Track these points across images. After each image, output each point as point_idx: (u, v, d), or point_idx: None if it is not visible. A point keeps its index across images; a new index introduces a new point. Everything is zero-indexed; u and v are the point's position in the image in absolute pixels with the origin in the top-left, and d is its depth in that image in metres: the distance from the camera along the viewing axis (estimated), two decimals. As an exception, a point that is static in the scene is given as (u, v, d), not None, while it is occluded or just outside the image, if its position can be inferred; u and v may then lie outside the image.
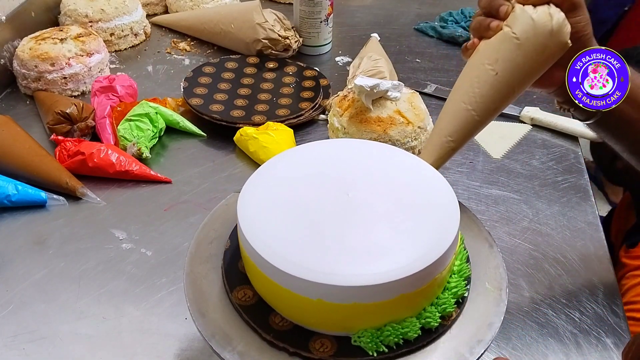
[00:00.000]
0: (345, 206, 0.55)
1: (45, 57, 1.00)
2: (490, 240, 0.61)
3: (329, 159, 0.60)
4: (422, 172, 0.60)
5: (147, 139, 0.91)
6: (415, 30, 1.29)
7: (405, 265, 0.50)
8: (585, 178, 0.90)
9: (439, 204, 0.56)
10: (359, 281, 0.49)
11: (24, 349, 0.65)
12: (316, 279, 0.49)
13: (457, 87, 0.63)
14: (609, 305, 0.71)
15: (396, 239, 0.52)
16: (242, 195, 0.56)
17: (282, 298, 0.52)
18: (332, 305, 0.50)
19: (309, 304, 0.50)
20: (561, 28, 0.60)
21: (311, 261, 0.50)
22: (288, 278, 0.50)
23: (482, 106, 0.62)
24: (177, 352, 0.65)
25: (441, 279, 0.53)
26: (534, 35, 0.60)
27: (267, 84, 1.04)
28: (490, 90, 0.61)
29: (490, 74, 0.61)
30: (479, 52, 0.63)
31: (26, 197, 0.82)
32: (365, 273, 0.49)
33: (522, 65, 0.61)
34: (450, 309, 0.54)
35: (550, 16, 0.60)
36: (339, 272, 0.49)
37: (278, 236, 0.52)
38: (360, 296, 0.49)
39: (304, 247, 0.51)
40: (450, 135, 0.62)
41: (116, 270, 0.74)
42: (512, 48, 0.61)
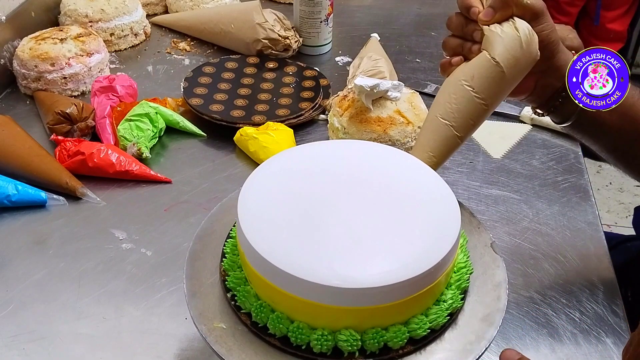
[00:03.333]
0: (345, 207, 0.55)
1: (45, 57, 1.00)
2: (490, 240, 0.61)
3: (329, 160, 0.60)
4: (422, 172, 0.60)
5: (147, 139, 0.91)
6: (416, 30, 1.28)
7: (406, 267, 0.50)
8: (585, 178, 0.90)
9: (438, 204, 0.56)
10: (358, 283, 0.49)
11: (24, 349, 0.65)
12: (316, 280, 0.49)
13: (436, 103, 0.65)
14: (609, 305, 0.71)
15: (396, 240, 0.52)
16: (242, 195, 0.56)
17: (281, 299, 0.52)
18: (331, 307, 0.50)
19: (309, 305, 0.50)
20: (529, 39, 0.62)
21: (311, 263, 0.50)
22: (288, 279, 0.49)
23: (460, 122, 0.63)
24: (177, 352, 0.65)
25: (444, 278, 0.53)
26: (505, 51, 0.62)
27: (267, 84, 1.04)
28: (467, 105, 0.63)
29: (466, 90, 0.63)
30: (456, 69, 0.65)
31: (26, 197, 0.82)
32: (365, 275, 0.49)
33: (497, 80, 0.62)
34: (458, 304, 0.54)
35: (517, 29, 0.62)
36: (338, 273, 0.49)
37: (277, 237, 0.52)
38: (360, 298, 0.49)
39: (303, 249, 0.51)
40: (432, 151, 0.64)
41: (116, 270, 0.74)
42: (487, 65, 0.62)
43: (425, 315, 0.53)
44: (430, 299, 0.53)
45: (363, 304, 0.49)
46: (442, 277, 0.53)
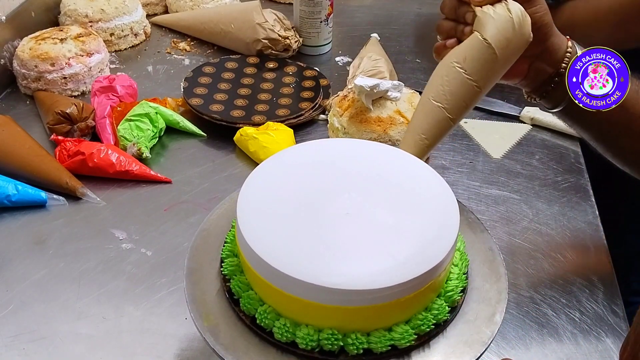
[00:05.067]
0: (344, 206, 0.55)
1: (45, 57, 1.00)
2: (490, 240, 0.61)
3: (328, 159, 0.60)
4: (421, 172, 0.60)
5: (147, 139, 0.91)
6: (416, 30, 1.28)
7: (406, 267, 0.50)
8: (585, 178, 0.90)
9: (438, 204, 0.56)
10: (358, 284, 0.49)
11: (24, 349, 0.65)
12: (315, 281, 0.48)
13: (429, 85, 0.65)
14: (609, 305, 0.71)
15: (395, 239, 0.52)
16: (241, 194, 0.56)
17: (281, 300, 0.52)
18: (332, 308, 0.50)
19: (308, 305, 0.50)
20: (522, 21, 0.62)
21: (310, 263, 0.50)
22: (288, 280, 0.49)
23: (453, 104, 0.63)
24: (177, 352, 0.65)
25: (444, 276, 0.54)
26: (497, 33, 0.61)
27: (267, 84, 1.04)
28: (460, 87, 0.63)
29: (458, 71, 0.63)
30: (449, 52, 0.65)
31: (26, 197, 0.82)
32: (365, 275, 0.49)
33: (489, 61, 0.62)
34: (457, 296, 0.54)
35: (510, 11, 0.62)
36: (338, 273, 0.49)
37: (277, 236, 0.52)
38: (360, 298, 0.49)
39: (302, 249, 0.51)
40: (424, 133, 0.64)
41: (116, 270, 0.74)
42: (479, 47, 0.62)
43: (429, 311, 0.53)
44: (433, 293, 0.54)
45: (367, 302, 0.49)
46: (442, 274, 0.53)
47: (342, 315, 0.50)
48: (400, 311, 0.52)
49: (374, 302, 0.49)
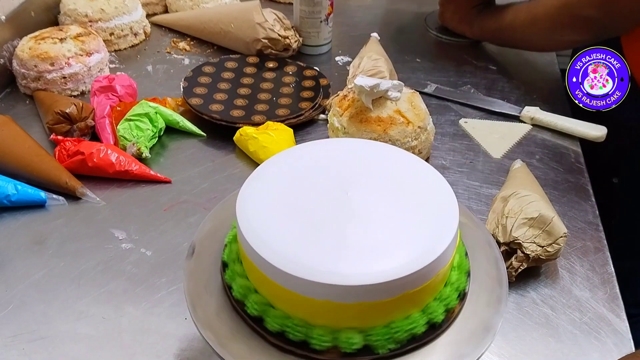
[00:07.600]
0: (344, 205, 0.55)
1: (44, 56, 1.00)
2: (490, 240, 0.61)
3: (329, 158, 0.60)
4: (422, 171, 0.60)
5: (146, 139, 0.91)
6: (416, 30, 1.28)
7: (407, 263, 0.50)
8: (585, 178, 0.90)
9: (438, 202, 0.56)
10: (361, 280, 0.49)
11: (24, 349, 0.65)
12: (318, 279, 0.48)
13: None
14: (609, 305, 0.71)
15: (397, 237, 0.52)
16: (241, 194, 0.56)
17: (283, 298, 0.52)
18: (335, 305, 0.50)
19: (312, 304, 0.50)
20: None
21: (312, 261, 0.50)
22: (289, 278, 0.49)
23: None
24: (177, 352, 0.65)
25: (443, 274, 0.53)
26: None
27: (267, 84, 1.04)
28: None
29: None
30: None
31: (26, 197, 0.82)
32: (368, 272, 0.49)
33: None
34: (454, 302, 0.54)
35: None
36: (341, 271, 0.49)
37: (278, 235, 0.52)
38: (363, 295, 0.49)
39: (304, 247, 0.51)
40: None
41: (116, 270, 0.74)
42: None
43: (438, 301, 0.54)
44: (441, 285, 0.54)
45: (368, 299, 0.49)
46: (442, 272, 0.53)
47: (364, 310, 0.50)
48: (397, 309, 0.52)
49: (374, 299, 0.49)
